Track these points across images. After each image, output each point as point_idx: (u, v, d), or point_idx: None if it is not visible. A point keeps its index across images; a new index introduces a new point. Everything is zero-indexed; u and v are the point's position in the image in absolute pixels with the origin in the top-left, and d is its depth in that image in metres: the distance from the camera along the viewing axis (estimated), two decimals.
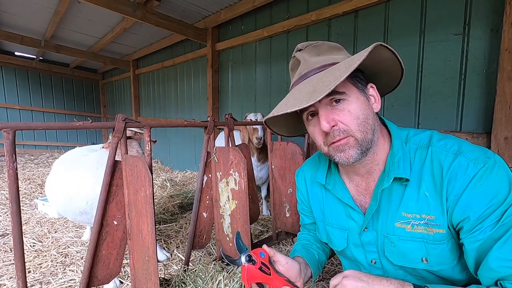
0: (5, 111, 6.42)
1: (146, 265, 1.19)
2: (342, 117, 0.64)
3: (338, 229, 0.81)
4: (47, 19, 3.90)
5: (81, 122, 1.07)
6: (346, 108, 0.65)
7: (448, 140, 0.66)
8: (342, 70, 0.58)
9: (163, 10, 3.35)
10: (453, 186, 0.60)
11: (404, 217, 0.67)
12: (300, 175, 0.95)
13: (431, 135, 0.69)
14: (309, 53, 0.70)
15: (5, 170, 0.91)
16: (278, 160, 2.00)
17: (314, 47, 0.71)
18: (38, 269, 1.80)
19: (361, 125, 0.65)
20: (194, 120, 4.58)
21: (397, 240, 0.68)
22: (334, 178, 0.80)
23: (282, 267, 0.72)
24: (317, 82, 0.62)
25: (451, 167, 0.61)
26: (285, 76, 2.98)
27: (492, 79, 1.67)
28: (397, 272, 0.73)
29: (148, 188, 1.10)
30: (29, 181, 4.03)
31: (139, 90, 6.15)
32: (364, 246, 0.75)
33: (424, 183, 0.65)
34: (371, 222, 0.73)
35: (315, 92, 0.59)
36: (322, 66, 0.67)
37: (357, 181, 0.76)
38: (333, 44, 0.72)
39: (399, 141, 0.70)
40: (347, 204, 0.76)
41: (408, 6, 2.00)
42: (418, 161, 0.67)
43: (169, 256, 1.97)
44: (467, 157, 0.60)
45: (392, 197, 0.69)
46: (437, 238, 0.64)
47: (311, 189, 0.90)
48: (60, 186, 1.72)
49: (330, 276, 1.72)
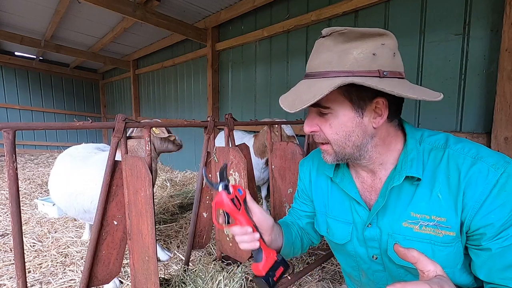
0: (5, 111, 6.42)
1: (146, 265, 1.19)
2: (323, 128, 0.68)
3: (342, 222, 0.80)
4: (47, 19, 3.90)
5: (81, 122, 1.07)
6: (329, 121, 0.66)
7: (465, 143, 0.66)
8: (316, 91, 0.59)
9: (163, 10, 3.35)
10: (473, 192, 0.60)
11: (413, 217, 0.67)
12: (305, 166, 0.94)
13: (447, 137, 0.69)
14: (335, 40, 0.63)
15: (5, 170, 0.91)
16: (278, 160, 2.00)
17: (341, 34, 0.62)
18: (38, 269, 1.80)
19: (339, 140, 0.67)
20: (194, 120, 4.59)
21: (403, 239, 0.68)
22: (342, 171, 0.80)
23: (255, 217, 0.72)
24: (301, 93, 0.64)
25: (470, 172, 0.61)
26: (285, 76, 2.98)
27: (492, 79, 1.67)
28: (398, 270, 0.72)
29: (148, 188, 1.10)
30: (29, 181, 4.03)
31: (139, 90, 6.16)
32: (367, 242, 0.75)
33: (438, 185, 0.64)
34: (375, 218, 0.72)
35: (299, 101, 0.62)
36: (320, 73, 0.64)
37: (363, 177, 0.76)
38: (364, 31, 0.60)
39: (414, 141, 0.69)
40: (353, 198, 0.76)
41: (408, 6, 2.00)
42: (432, 161, 0.67)
43: (171, 256, 1.97)
44: (487, 162, 0.60)
45: (402, 196, 0.69)
46: (446, 241, 0.64)
47: (315, 181, 0.89)
48: (66, 183, 1.73)
49: (329, 276, 1.72)
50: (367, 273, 0.80)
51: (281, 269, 0.69)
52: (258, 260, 0.68)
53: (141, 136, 1.37)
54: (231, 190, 0.67)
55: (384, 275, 0.76)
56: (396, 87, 0.59)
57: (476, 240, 0.62)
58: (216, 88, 3.86)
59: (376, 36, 0.61)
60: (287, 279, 1.58)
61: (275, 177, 2.03)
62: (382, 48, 0.60)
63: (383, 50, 0.60)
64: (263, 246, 0.69)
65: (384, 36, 0.61)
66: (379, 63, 0.60)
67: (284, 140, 2.14)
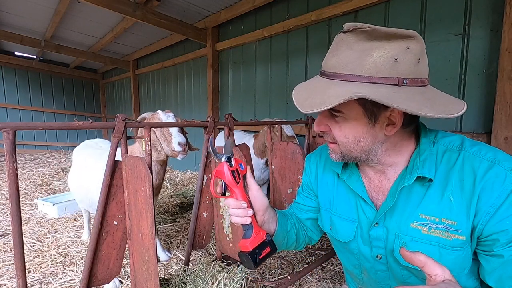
0: (5, 111, 6.42)
1: (146, 265, 1.19)
2: (333, 129, 0.67)
3: (347, 220, 0.79)
4: (47, 19, 3.90)
5: (81, 122, 1.07)
6: (339, 123, 0.65)
7: (481, 146, 0.64)
8: (333, 97, 0.56)
9: (163, 10, 3.35)
10: (488, 197, 0.59)
11: (422, 219, 0.65)
12: (312, 161, 0.93)
13: (462, 139, 0.68)
14: (356, 37, 0.58)
15: (5, 170, 0.91)
16: (278, 160, 2.00)
17: (363, 31, 0.57)
18: (38, 269, 1.80)
19: (348, 144, 0.66)
20: (194, 120, 4.58)
21: (410, 241, 0.67)
22: (351, 169, 0.79)
23: (251, 193, 0.72)
24: (316, 94, 0.61)
25: (486, 176, 0.59)
26: (285, 76, 2.98)
27: (492, 79, 1.67)
28: (402, 271, 0.71)
29: (148, 188, 1.10)
30: (29, 181, 4.03)
31: (139, 90, 6.16)
32: (372, 241, 0.74)
33: (450, 187, 0.63)
34: (382, 218, 0.71)
35: (309, 103, 0.60)
36: (336, 74, 0.61)
37: (370, 177, 0.75)
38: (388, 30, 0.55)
39: (427, 141, 0.68)
40: (360, 197, 0.75)
41: (408, 6, 2.01)
42: (445, 163, 0.65)
43: (171, 257, 1.97)
44: (505, 166, 0.59)
45: (412, 196, 0.68)
46: (455, 244, 0.62)
47: (322, 176, 0.88)
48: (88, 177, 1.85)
49: (329, 276, 1.72)
50: (370, 273, 0.79)
51: (268, 250, 0.69)
52: (247, 236, 0.68)
53: (141, 136, 1.37)
54: (233, 163, 0.68)
55: (387, 275, 0.75)
56: (414, 99, 0.55)
57: (488, 246, 0.61)
58: (216, 88, 3.86)
59: (402, 38, 0.55)
60: (287, 279, 1.58)
61: (275, 177, 2.03)
62: (406, 53, 0.56)
63: (406, 56, 0.56)
64: (254, 223, 0.69)
65: (411, 39, 0.56)
66: (399, 70, 0.56)
67: (284, 140, 2.14)
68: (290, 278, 1.58)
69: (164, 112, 1.69)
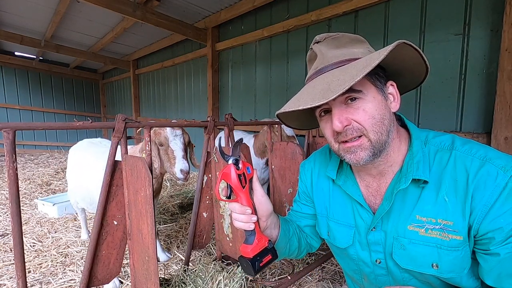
0: (5, 111, 6.42)
1: (146, 265, 1.19)
2: (356, 116, 0.62)
3: (344, 226, 0.79)
4: (47, 19, 3.90)
5: (81, 122, 1.07)
6: (361, 106, 0.62)
7: (472, 144, 0.64)
8: (358, 69, 0.55)
9: (163, 10, 3.35)
10: (481, 195, 0.59)
11: (419, 221, 0.65)
12: (306, 167, 0.92)
13: (453, 138, 0.67)
14: (328, 45, 0.66)
15: (5, 170, 0.91)
16: (278, 160, 2.00)
17: (334, 39, 0.67)
18: (38, 269, 1.80)
19: (376, 125, 0.62)
20: (194, 120, 4.58)
21: (408, 243, 0.67)
22: (345, 173, 0.78)
23: (256, 198, 0.70)
24: (331, 79, 0.59)
25: (479, 174, 0.59)
26: (285, 76, 2.98)
27: (492, 79, 1.67)
28: (402, 275, 0.71)
29: (148, 188, 1.10)
30: (29, 181, 4.03)
31: (139, 90, 6.16)
32: (370, 246, 0.74)
33: (444, 187, 0.63)
34: (380, 222, 0.71)
35: (329, 90, 0.57)
36: (339, 62, 0.63)
37: (368, 181, 0.75)
38: (354, 36, 0.68)
39: (419, 142, 0.68)
40: (357, 201, 0.74)
41: (408, 6, 2.00)
42: (438, 163, 0.65)
43: (171, 257, 1.97)
44: (496, 164, 0.59)
45: (407, 198, 0.67)
46: (453, 245, 0.62)
47: (316, 183, 0.87)
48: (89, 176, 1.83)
49: (329, 276, 1.72)
50: (369, 278, 0.79)
51: (269, 257, 0.68)
52: (248, 242, 0.67)
53: (141, 137, 1.37)
54: (240, 166, 0.67)
55: (387, 279, 0.75)
56: None
57: (484, 244, 0.60)
58: (216, 88, 3.86)
59: (363, 41, 0.68)
60: (287, 279, 1.58)
61: (275, 177, 2.03)
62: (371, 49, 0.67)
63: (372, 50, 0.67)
64: (257, 230, 0.68)
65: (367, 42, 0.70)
66: None
67: (284, 140, 2.14)
68: (290, 278, 1.58)
69: (172, 129, 1.61)
